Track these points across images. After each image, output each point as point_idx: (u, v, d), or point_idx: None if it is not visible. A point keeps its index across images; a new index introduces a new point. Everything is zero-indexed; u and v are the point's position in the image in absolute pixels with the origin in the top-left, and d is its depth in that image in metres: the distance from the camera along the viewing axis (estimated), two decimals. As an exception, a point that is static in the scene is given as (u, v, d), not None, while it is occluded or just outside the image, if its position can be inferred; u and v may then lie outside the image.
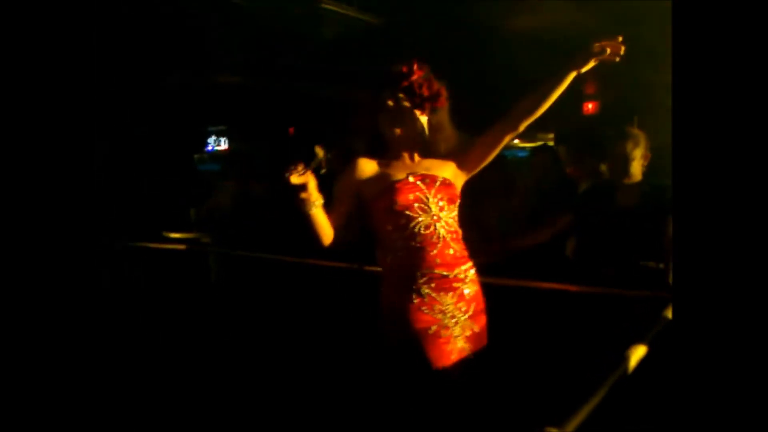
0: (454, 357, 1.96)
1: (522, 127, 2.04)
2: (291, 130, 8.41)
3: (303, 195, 1.90)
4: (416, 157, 2.12)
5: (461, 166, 2.14)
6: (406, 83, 2.05)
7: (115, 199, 5.88)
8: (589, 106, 7.41)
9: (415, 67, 2.06)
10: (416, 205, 2.02)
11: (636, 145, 2.78)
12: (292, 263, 3.55)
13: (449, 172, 2.13)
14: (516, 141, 8.93)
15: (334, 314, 3.39)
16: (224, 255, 4.09)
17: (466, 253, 2.09)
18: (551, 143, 5.08)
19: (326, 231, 2.00)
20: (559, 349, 2.51)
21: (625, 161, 2.79)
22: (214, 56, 4.79)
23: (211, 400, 3.01)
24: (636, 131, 2.83)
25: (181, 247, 4.14)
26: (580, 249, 2.97)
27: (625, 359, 1.55)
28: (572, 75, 1.96)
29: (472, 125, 2.34)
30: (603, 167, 3.47)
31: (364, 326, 2.38)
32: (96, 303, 1.42)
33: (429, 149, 2.11)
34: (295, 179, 1.86)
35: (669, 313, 1.87)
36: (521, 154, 7.44)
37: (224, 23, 3.83)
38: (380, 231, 2.07)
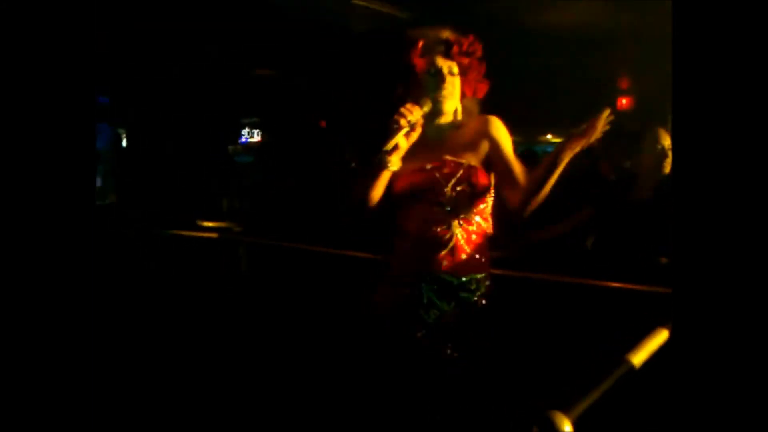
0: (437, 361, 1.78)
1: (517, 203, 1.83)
2: (323, 123, 8.48)
3: (390, 146, 1.70)
4: (443, 137, 1.86)
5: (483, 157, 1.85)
6: (465, 55, 1.82)
7: (149, 187, 6.04)
8: (623, 101, 7.31)
9: (476, 42, 1.84)
10: (430, 197, 1.80)
11: (667, 140, 2.76)
12: (321, 253, 3.61)
13: (476, 158, 1.85)
14: (549, 136, 8.88)
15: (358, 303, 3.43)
16: (255, 244, 4.18)
17: (485, 260, 1.86)
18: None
19: (379, 194, 1.78)
20: (573, 341, 2.52)
21: (662, 157, 2.74)
22: (247, 49, 4.88)
23: (236, 386, 3.08)
24: (661, 129, 2.82)
25: (213, 235, 4.26)
26: (597, 242, 2.99)
27: (642, 344, 1.50)
28: (565, 158, 1.69)
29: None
30: (628, 163, 3.46)
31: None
32: (118, 288, 1.44)
33: (456, 131, 1.87)
34: (404, 123, 1.68)
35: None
36: (551, 149, 7.38)
37: (256, 17, 3.90)
38: (393, 218, 1.89)
